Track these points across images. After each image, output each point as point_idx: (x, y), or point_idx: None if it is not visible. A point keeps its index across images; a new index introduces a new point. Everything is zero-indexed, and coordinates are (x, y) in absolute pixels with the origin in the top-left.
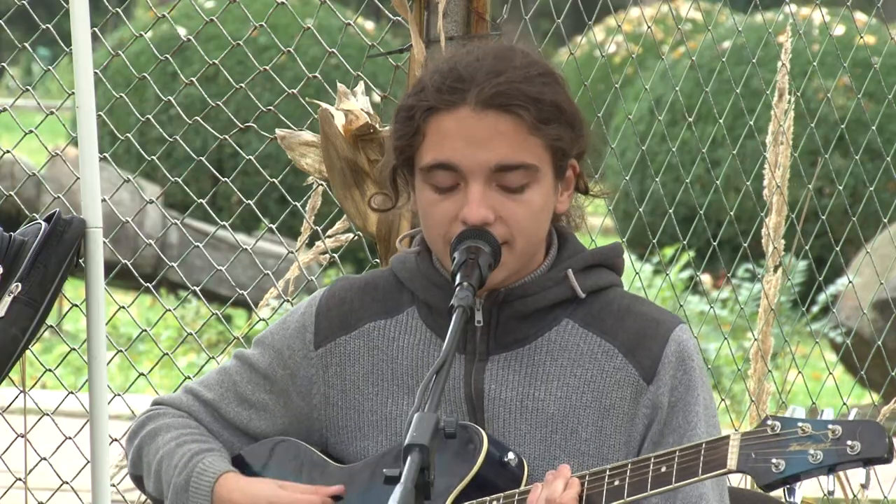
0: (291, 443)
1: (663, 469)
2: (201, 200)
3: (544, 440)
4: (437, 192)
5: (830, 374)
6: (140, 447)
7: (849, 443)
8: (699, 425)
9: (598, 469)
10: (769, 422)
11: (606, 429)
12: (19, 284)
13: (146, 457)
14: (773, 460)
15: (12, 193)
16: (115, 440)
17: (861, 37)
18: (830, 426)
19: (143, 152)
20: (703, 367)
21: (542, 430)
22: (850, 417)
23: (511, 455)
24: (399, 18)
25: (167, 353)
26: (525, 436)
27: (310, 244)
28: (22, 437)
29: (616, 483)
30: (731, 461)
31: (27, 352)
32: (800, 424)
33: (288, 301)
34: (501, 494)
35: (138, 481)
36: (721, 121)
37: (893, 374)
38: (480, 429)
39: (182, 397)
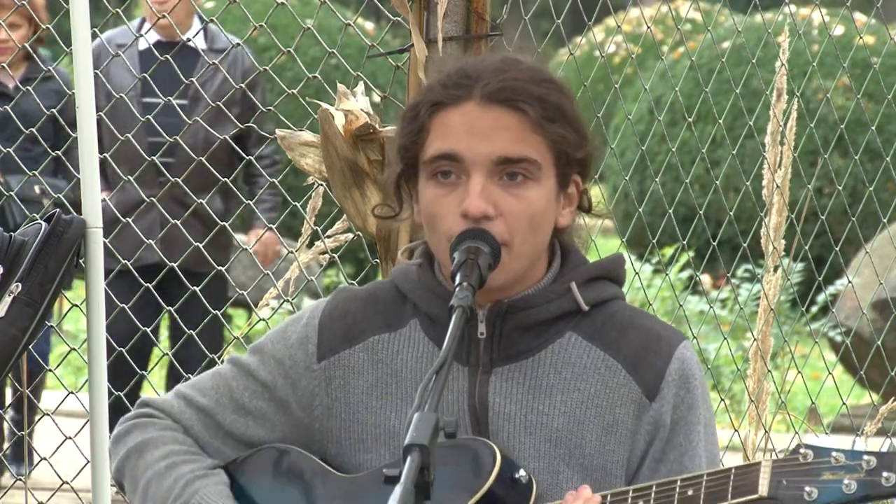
0: (292, 451)
1: (690, 492)
2: (201, 200)
3: (548, 454)
4: (439, 186)
5: (830, 374)
6: (126, 458)
7: (884, 474)
8: (699, 444)
9: (621, 490)
10: (801, 450)
11: (610, 444)
12: (19, 284)
13: (132, 471)
14: (806, 488)
15: (12, 193)
16: None
17: (860, 37)
18: (865, 457)
19: (142, 152)
20: (705, 385)
21: (546, 444)
22: (884, 449)
23: (522, 472)
24: (399, 19)
25: (167, 353)
26: (529, 450)
27: (310, 245)
28: (22, 436)
29: None
30: (763, 487)
31: (27, 351)
32: (833, 454)
33: (288, 301)
34: None
35: (121, 487)
36: (721, 121)
37: (893, 374)
38: (494, 445)
39: (174, 402)
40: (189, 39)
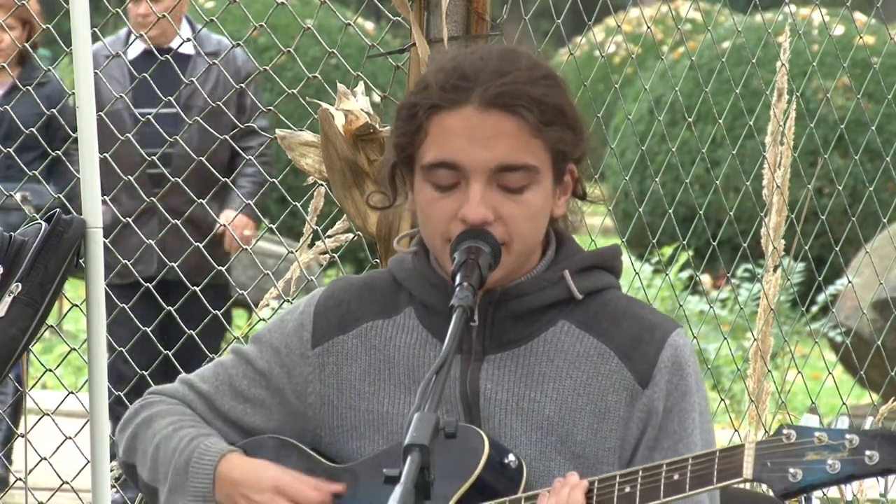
0: (286, 442)
1: (676, 476)
2: (201, 201)
3: (540, 442)
4: (437, 190)
5: (830, 374)
6: (135, 434)
7: (867, 453)
8: (695, 432)
9: (608, 475)
10: (784, 430)
11: (602, 432)
12: (19, 284)
13: (141, 443)
14: (790, 469)
15: (13, 194)
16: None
17: (860, 37)
18: (847, 436)
19: (143, 153)
20: (699, 372)
21: (538, 431)
22: (867, 426)
23: (511, 457)
24: (399, 18)
25: (167, 353)
26: (520, 437)
27: (310, 245)
28: (22, 436)
29: (627, 490)
30: (747, 469)
31: (27, 352)
32: (816, 434)
33: (288, 301)
34: (507, 499)
35: (130, 470)
36: (721, 121)
37: (893, 374)
38: (482, 431)
39: (177, 387)
40: (183, 42)
